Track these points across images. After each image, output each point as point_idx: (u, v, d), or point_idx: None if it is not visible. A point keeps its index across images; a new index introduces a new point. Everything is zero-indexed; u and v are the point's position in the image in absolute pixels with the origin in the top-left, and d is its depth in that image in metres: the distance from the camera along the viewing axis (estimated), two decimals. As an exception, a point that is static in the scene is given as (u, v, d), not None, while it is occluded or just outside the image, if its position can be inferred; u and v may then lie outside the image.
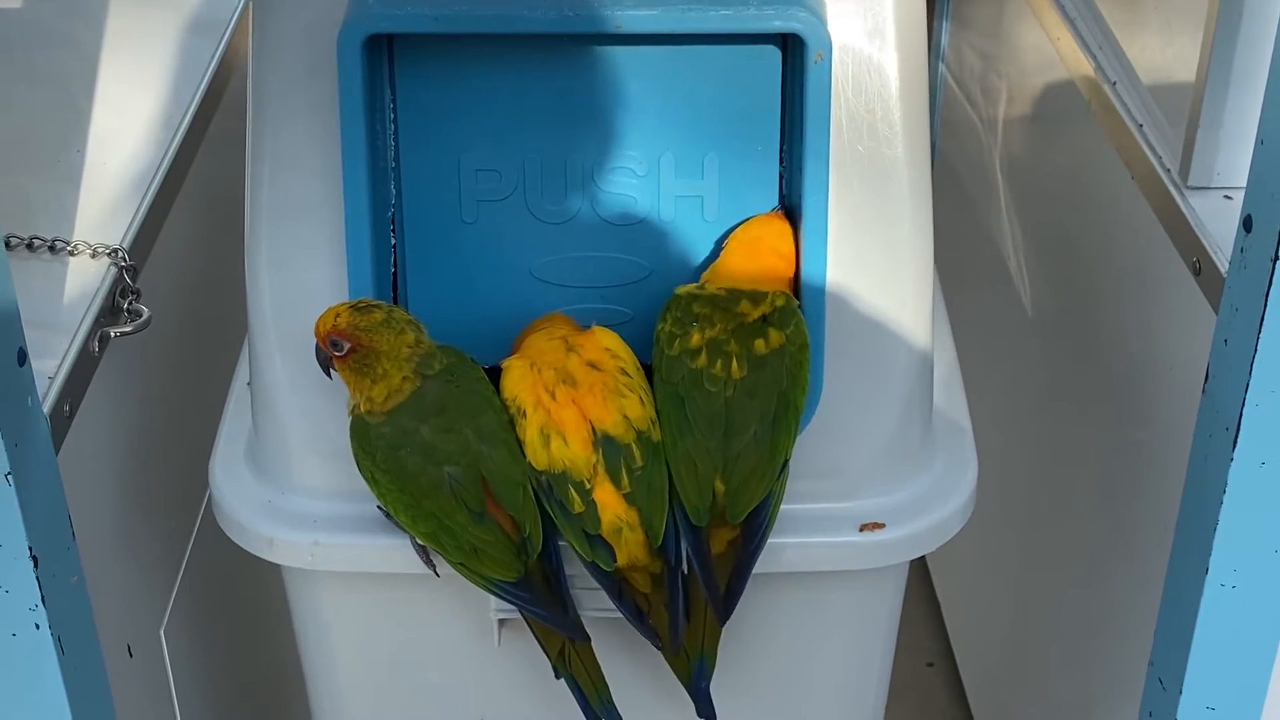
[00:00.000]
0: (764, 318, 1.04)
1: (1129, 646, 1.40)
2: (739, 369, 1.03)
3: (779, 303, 1.05)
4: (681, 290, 1.07)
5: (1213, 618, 0.94)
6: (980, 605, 1.91)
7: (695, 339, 1.04)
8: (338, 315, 1.01)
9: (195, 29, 1.51)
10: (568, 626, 1.06)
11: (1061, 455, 1.59)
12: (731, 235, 1.08)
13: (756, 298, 1.05)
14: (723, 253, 1.08)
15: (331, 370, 1.04)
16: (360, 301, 1.03)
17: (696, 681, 1.08)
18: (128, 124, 1.36)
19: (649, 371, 1.07)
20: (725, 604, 1.06)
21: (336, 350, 1.02)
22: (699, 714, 1.09)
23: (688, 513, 1.04)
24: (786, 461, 1.05)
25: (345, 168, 1.04)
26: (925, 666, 2.03)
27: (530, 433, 1.03)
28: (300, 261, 1.08)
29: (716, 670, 1.09)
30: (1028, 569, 1.71)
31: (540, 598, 1.05)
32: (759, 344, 1.04)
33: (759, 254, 1.06)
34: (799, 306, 1.06)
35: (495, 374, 1.07)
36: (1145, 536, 1.35)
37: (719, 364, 1.03)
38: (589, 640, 1.08)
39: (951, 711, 1.98)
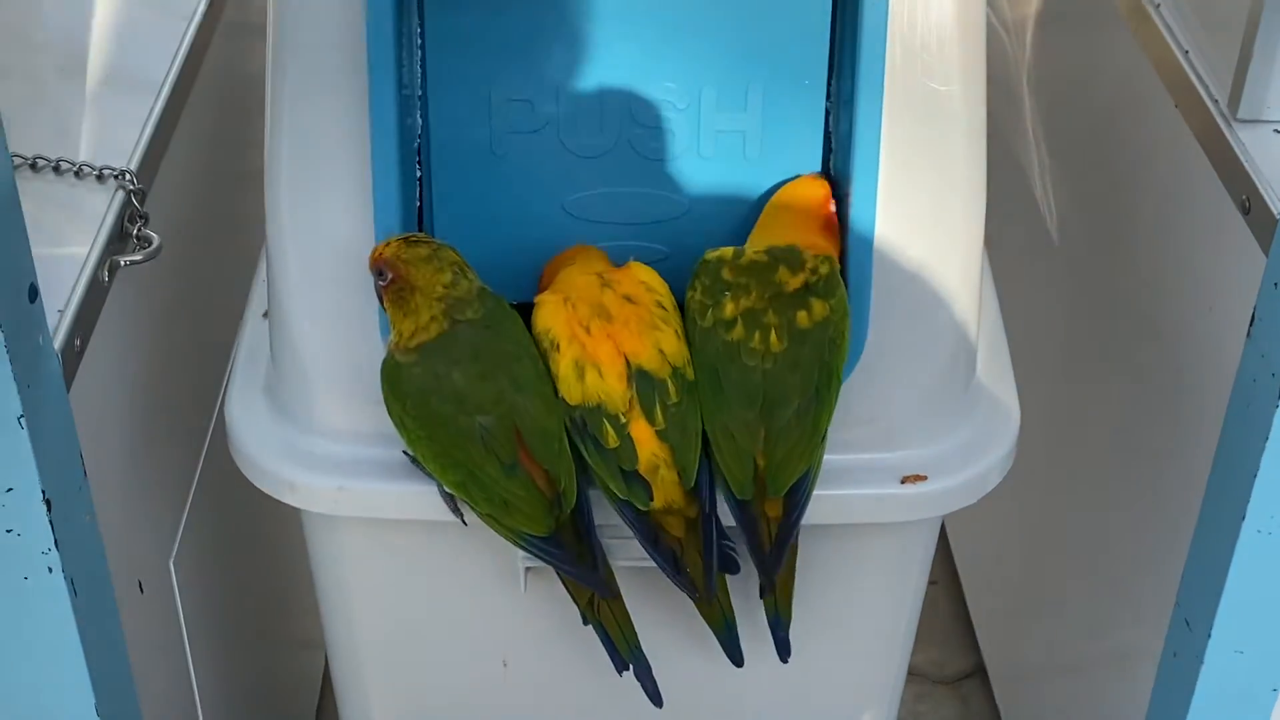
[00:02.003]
0: (806, 286, 1.00)
1: (1143, 572, 1.39)
2: (778, 341, 0.99)
3: (823, 270, 1.00)
4: (710, 255, 1.02)
5: (1247, 563, 0.93)
6: (986, 524, 1.90)
7: (729, 309, 1.00)
8: (388, 245, 1.00)
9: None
10: (598, 583, 1.04)
11: (1089, 385, 1.56)
12: (770, 201, 1.04)
13: (795, 264, 1.00)
14: (760, 218, 1.04)
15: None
16: (413, 235, 1.01)
17: (774, 631, 1.07)
18: (131, 35, 1.30)
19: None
20: (766, 572, 1.03)
21: (381, 279, 1.01)
22: (733, 663, 1.07)
23: (730, 486, 1.01)
24: (826, 432, 1.02)
25: (372, 94, 1.00)
26: (929, 584, 2.02)
27: (564, 366, 1.00)
28: (323, 190, 1.04)
29: (744, 619, 1.08)
30: (1041, 494, 1.70)
31: (571, 554, 1.02)
32: (801, 316, 1.00)
33: (799, 219, 1.02)
34: (835, 266, 1.02)
35: (524, 310, 1.03)
36: (1170, 470, 1.33)
37: (757, 336, 1.00)
38: (619, 596, 1.06)
39: (955, 629, 1.97)
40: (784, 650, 1.08)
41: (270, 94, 1.04)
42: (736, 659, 1.08)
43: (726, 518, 1.04)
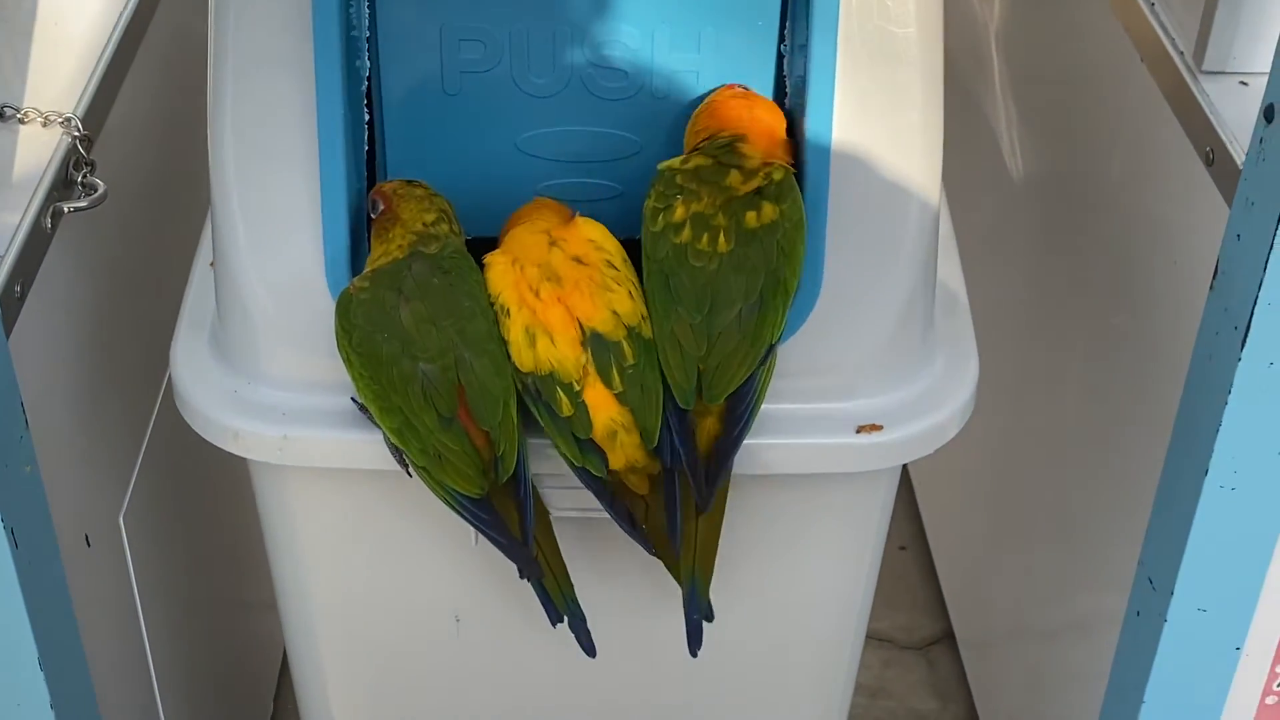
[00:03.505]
0: (758, 191, 0.99)
1: (1109, 535, 1.39)
2: (725, 243, 0.98)
3: (776, 176, 0.99)
4: (664, 165, 1.01)
5: (1209, 520, 0.93)
6: (955, 489, 1.89)
7: (679, 212, 0.99)
8: (390, 182, 1.03)
9: None
10: (524, 559, 1.02)
11: (1053, 344, 1.55)
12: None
13: (749, 170, 0.99)
14: (696, 110, 1.04)
15: None
16: (416, 181, 1.03)
17: (689, 614, 1.04)
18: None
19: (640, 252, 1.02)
20: (701, 493, 1.01)
21: (374, 212, 1.02)
22: (690, 615, 1.06)
23: (674, 394, 0.99)
24: (773, 346, 1.00)
25: (316, 36, 0.99)
26: (898, 550, 2.01)
27: (515, 332, 0.98)
28: (267, 135, 1.03)
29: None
30: (1007, 456, 1.69)
31: (499, 522, 1.01)
32: (750, 217, 0.98)
33: (739, 108, 1.01)
34: (794, 181, 1.00)
35: (479, 247, 1.03)
36: (1135, 428, 1.32)
37: (705, 238, 0.98)
38: (541, 575, 1.04)
39: (923, 595, 1.97)
40: (695, 638, 1.05)
41: (212, 34, 1.02)
42: (706, 614, 1.06)
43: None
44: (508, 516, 1.01)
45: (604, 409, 0.98)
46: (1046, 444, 1.57)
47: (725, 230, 0.98)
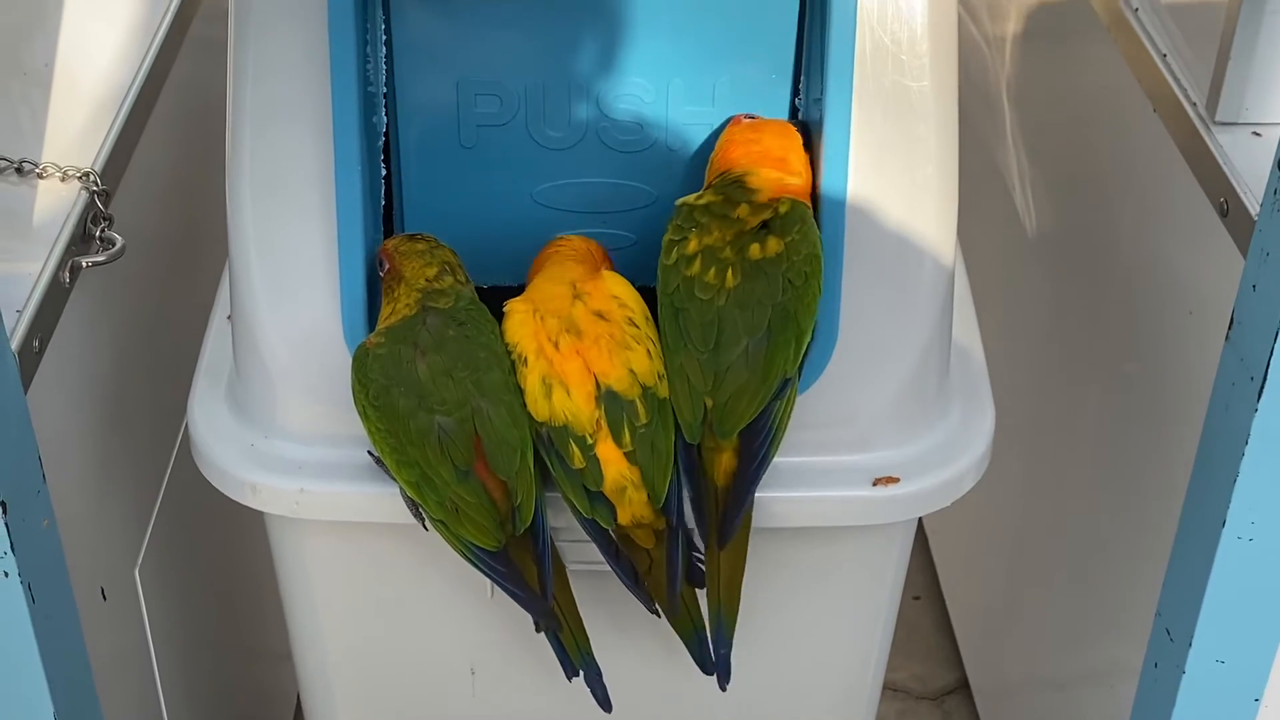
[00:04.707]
0: (765, 224, 0.99)
1: (1125, 585, 1.38)
2: (733, 277, 0.98)
3: (782, 209, 0.99)
4: (681, 200, 1.02)
5: (1227, 571, 0.92)
6: (969, 539, 1.89)
7: (692, 245, 0.99)
8: (392, 239, 1.04)
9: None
10: (542, 612, 1.02)
11: (1068, 395, 1.55)
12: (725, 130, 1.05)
13: (757, 204, 0.99)
14: (718, 144, 1.04)
15: None
16: (419, 235, 1.04)
17: (716, 649, 1.04)
18: (99, 35, 1.29)
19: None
20: (721, 528, 1.01)
21: (380, 270, 1.03)
22: (704, 672, 1.05)
23: (682, 430, 0.99)
24: (789, 381, 1.00)
25: (335, 95, 0.99)
26: (912, 600, 2.00)
27: (531, 381, 0.98)
28: (285, 191, 1.03)
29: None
30: (1022, 505, 1.69)
31: (518, 575, 1.01)
32: (754, 249, 0.98)
33: (746, 143, 1.02)
34: (809, 214, 1.00)
35: (495, 295, 1.03)
36: (1151, 480, 1.32)
37: (712, 271, 0.98)
38: (560, 628, 1.04)
39: (938, 645, 1.96)
40: (724, 672, 1.05)
41: (232, 93, 1.03)
42: (707, 668, 1.06)
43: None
44: (525, 569, 1.01)
45: (615, 464, 0.98)
46: (1061, 494, 1.57)
47: (733, 265, 0.98)
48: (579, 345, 0.98)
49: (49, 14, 1.31)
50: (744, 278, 0.98)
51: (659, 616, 1.04)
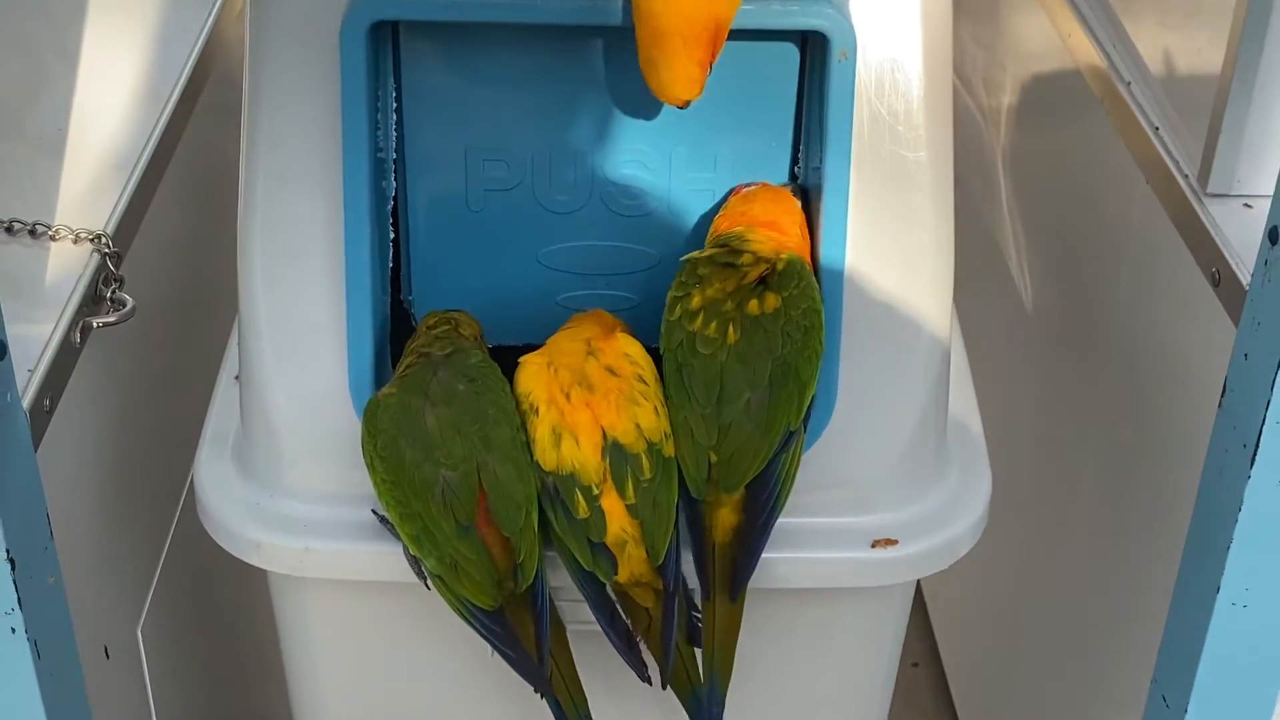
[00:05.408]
0: (763, 279, 1.01)
1: (1122, 654, 1.38)
2: (734, 333, 1.00)
3: (779, 265, 1.01)
4: (687, 256, 1.04)
5: (1222, 637, 0.92)
6: (968, 606, 1.89)
7: (695, 300, 1.01)
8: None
9: (181, 2, 1.46)
10: (535, 676, 1.02)
11: (1064, 462, 1.56)
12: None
13: (757, 259, 1.01)
14: (723, 207, 1.06)
15: None
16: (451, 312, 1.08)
17: (709, 708, 1.05)
18: (112, 102, 1.31)
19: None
20: (733, 584, 1.02)
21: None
22: (710, 709, 1.06)
23: (687, 486, 1.01)
24: (794, 434, 1.01)
25: (346, 160, 1.01)
26: (910, 667, 2.00)
27: (541, 430, 1.00)
28: (296, 254, 1.04)
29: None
30: (1020, 574, 1.69)
31: (513, 636, 1.01)
32: (753, 305, 1.00)
33: (739, 209, 1.04)
34: (807, 269, 1.02)
35: (504, 355, 1.05)
36: (1147, 546, 1.33)
37: (713, 326, 1.00)
38: (554, 695, 1.04)
39: (936, 713, 1.96)
40: None
41: (245, 157, 1.04)
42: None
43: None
44: (522, 630, 1.01)
45: (618, 518, 0.99)
46: (1059, 563, 1.57)
47: (733, 320, 1.00)
48: (589, 398, 1.00)
49: (62, 80, 1.33)
50: (744, 333, 0.99)
51: (650, 684, 1.04)
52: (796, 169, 1.07)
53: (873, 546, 1.06)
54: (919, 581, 1.94)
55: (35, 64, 1.37)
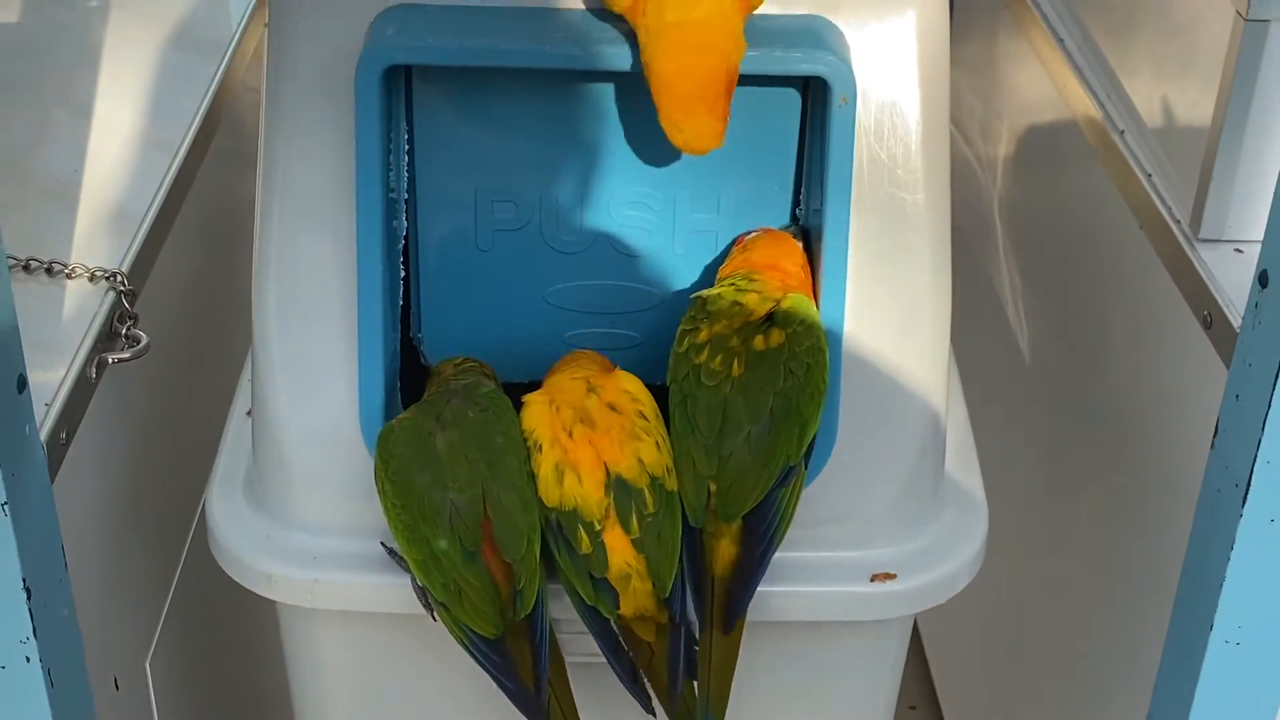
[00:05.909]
0: (769, 315, 1.03)
1: (1120, 696, 1.39)
2: (738, 367, 1.02)
3: (784, 304, 1.03)
4: (697, 294, 1.06)
5: (1216, 675, 0.93)
6: (965, 648, 1.89)
7: (703, 334, 1.03)
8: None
9: (195, 47, 1.49)
10: (532, 709, 1.03)
11: (1059, 503, 1.58)
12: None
13: (764, 296, 1.03)
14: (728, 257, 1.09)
15: None
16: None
17: None
18: (127, 144, 1.34)
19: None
20: (726, 613, 1.03)
21: None
22: None
23: (686, 514, 1.03)
24: (793, 469, 1.03)
25: (359, 200, 1.02)
26: (908, 710, 2.01)
27: (544, 468, 1.02)
28: (309, 291, 1.06)
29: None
30: (1017, 616, 1.70)
31: (512, 667, 1.02)
32: (758, 340, 1.02)
33: (748, 260, 1.06)
34: (812, 308, 1.04)
35: (510, 391, 1.07)
36: (1142, 586, 1.34)
37: (719, 359, 1.02)
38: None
39: (933, 755, 1.96)
40: None
41: (260, 195, 1.06)
42: None
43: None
44: (520, 661, 1.02)
45: (621, 552, 1.01)
46: (1054, 603, 1.58)
47: (739, 354, 1.02)
48: (592, 435, 1.02)
49: (78, 127, 1.36)
50: (748, 367, 1.01)
51: (654, 717, 1.06)
52: (798, 211, 1.09)
53: (871, 580, 1.08)
54: (916, 623, 1.96)
55: (51, 111, 1.39)
